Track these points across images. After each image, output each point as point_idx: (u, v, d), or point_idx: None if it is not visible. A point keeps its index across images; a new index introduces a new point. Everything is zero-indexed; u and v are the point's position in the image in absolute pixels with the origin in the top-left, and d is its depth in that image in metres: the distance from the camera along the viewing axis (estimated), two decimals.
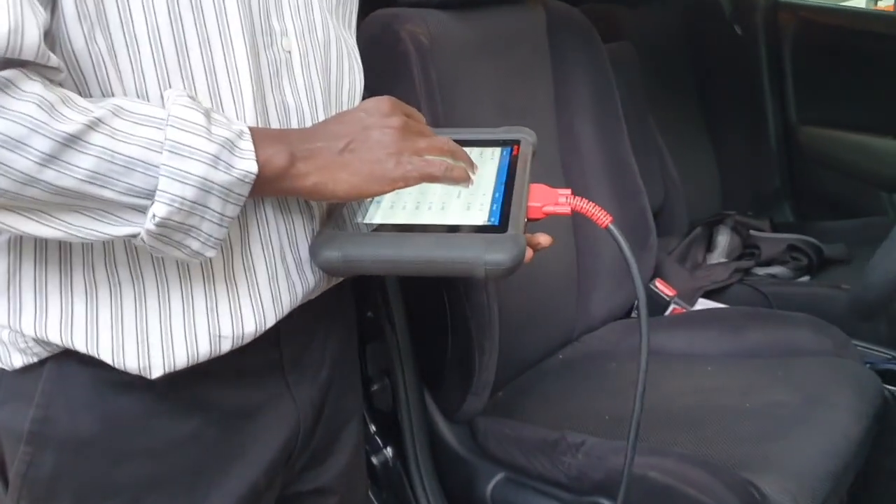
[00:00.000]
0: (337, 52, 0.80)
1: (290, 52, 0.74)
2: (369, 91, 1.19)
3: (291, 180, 0.67)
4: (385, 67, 1.22)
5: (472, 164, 0.79)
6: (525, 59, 1.50)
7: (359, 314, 1.32)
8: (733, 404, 1.30)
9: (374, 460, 1.37)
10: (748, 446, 1.17)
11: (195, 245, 0.63)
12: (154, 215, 0.59)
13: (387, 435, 1.38)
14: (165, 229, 0.61)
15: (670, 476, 1.10)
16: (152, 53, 0.64)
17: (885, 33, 2.04)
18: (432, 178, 0.72)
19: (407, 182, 0.71)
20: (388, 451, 1.38)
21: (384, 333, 1.30)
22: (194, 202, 0.60)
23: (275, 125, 0.73)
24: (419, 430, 1.33)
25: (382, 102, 0.73)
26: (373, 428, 1.39)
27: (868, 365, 1.45)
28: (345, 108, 0.81)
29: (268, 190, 0.67)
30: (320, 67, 0.77)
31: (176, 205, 0.59)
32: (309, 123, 0.76)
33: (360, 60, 0.86)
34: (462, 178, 0.75)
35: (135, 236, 0.61)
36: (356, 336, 1.02)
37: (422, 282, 1.24)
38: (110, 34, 0.62)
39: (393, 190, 0.71)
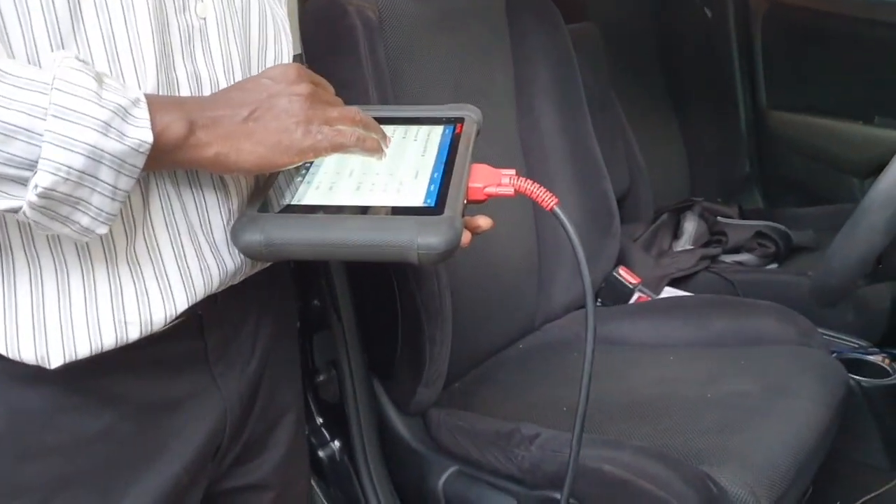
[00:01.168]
0: (260, 19, 0.75)
1: (205, 20, 0.69)
2: (315, 67, 1.15)
3: (191, 151, 0.62)
4: (331, 43, 1.17)
5: (384, 136, 0.75)
6: (483, 38, 1.45)
7: (305, 302, 1.28)
8: (695, 395, 1.27)
9: (321, 454, 1.33)
10: (708, 438, 1.15)
11: (84, 221, 0.58)
12: (37, 185, 0.54)
13: (334, 428, 1.34)
14: (50, 201, 0.55)
15: (626, 469, 1.07)
16: (44, 15, 0.58)
17: (858, 16, 2.01)
18: (343, 149, 0.69)
19: (317, 153, 0.67)
20: (336, 445, 1.33)
21: (331, 322, 1.26)
22: (82, 172, 0.55)
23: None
24: (367, 422, 1.28)
25: (289, 69, 0.69)
26: (320, 420, 1.34)
27: (834, 354, 1.43)
28: None
29: (166, 161, 0.62)
30: (239, 36, 0.72)
31: (62, 174, 0.54)
32: None
33: (288, 31, 0.80)
34: (375, 149, 0.72)
35: (16, 210, 0.56)
36: (295, 325, 0.98)
37: (370, 268, 1.20)
38: None
39: (302, 161, 0.67)
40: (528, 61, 1.52)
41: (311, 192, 0.72)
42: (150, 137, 0.58)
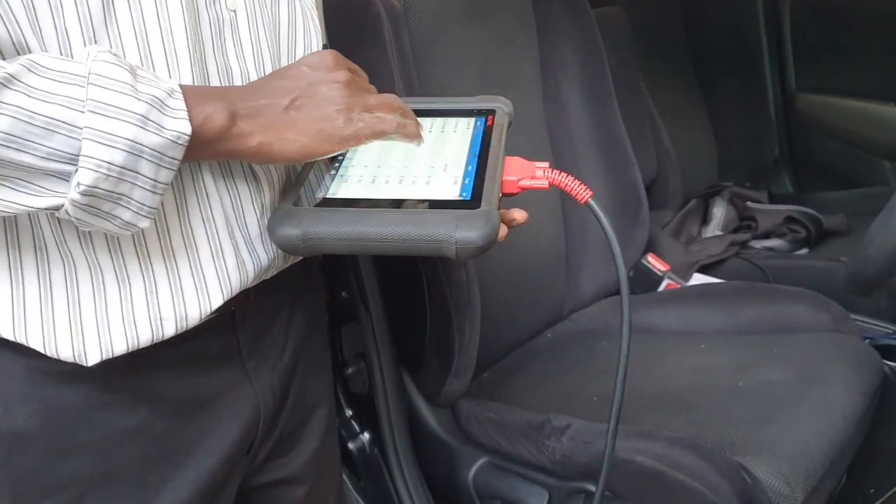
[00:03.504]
0: (289, 11, 0.74)
1: (235, 12, 0.68)
2: None
3: (233, 141, 0.62)
4: (356, 32, 1.17)
5: (419, 124, 0.75)
6: (508, 25, 1.44)
7: (333, 294, 1.27)
8: (727, 384, 1.26)
9: (351, 446, 1.33)
10: (741, 428, 1.14)
11: (126, 215, 0.58)
12: (79, 183, 0.54)
13: (364, 420, 1.34)
14: (93, 198, 0.55)
15: (659, 461, 1.06)
16: (76, 8, 0.58)
17: None
18: (384, 135, 0.69)
19: (359, 140, 0.67)
20: (365, 437, 1.33)
21: (359, 315, 1.25)
22: (123, 167, 0.55)
23: None
24: (397, 414, 1.28)
25: (326, 56, 0.68)
26: (349, 412, 1.34)
27: (867, 340, 1.41)
28: None
29: (208, 152, 0.62)
30: (269, 28, 0.72)
31: (103, 170, 0.54)
32: None
33: (317, 22, 0.80)
34: (414, 135, 0.72)
35: (58, 208, 0.56)
36: (325, 318, 0.97)
37: (398, 259, 1.19)
38: None
39: (344, 149, 0.67)
40: (554, 47, 1.50)
41: (344, 186, 0.72)
42: (188, 128, 0.57)
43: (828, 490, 1.15)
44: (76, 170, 0.54)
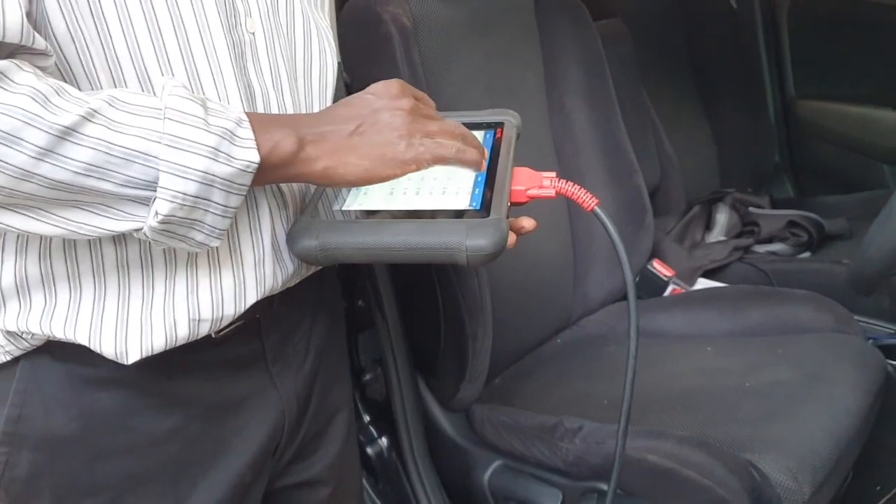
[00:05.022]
0: (304, 33, 0.78)
1: (254, 34, 0.72)
2: (352, 74, 1.18)
3: (300, 165, 0.65)
4: (368, 50, 1.20)
5: (482, 149, 0.76)
6: (513, 39, 1.47)
7: (350, 303, 1.31)
8: (734, 384, 1.28)
9: (370, 451, 1.36)
10: (749, 426, 1.16)
11: (199, 237, 0.62)
12: (157, 213, 0.58)
13: (381, 425, 1.37)
14: (169, 225, 0.59)
15: (669, 459, 1.09)
16: (125, 38, 0.62)
17: (884, 2, 2.00)
18: (444, 161, 0.71)
19: (419, 165, 0.69)
20: (384, 442, 1.36)
21: (375, 322, 1.28)
22: (197, 196, 0.59)
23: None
24: (413, 419, 1.31)
25: (391, 85, 0.71)
26: (367, 418, 1.37)
27: (871, 340, 1.43)
28: (315, 92, 0.79)
29: (275, 176, 0.65)
30: (285, 49, 0.75)
31: (178, 200, 0.58)
32: (274, 107, 0.74)
33: (332, 42, 0.83)
34: (474, 161, 0.73)
35: (138, 231, 0.60)
36: (344, 325, 1.01)
37: (412, 268, 1.22)
38: (83, 18, 0.60)
39: (405, 173, 0.69)
40: (558, 59, 1.54)
41: (360, 198, 0.75)
42: (256, 157, 0.61)
43: (834, 486, 1.17)
44: (154, 199, 0.58)
